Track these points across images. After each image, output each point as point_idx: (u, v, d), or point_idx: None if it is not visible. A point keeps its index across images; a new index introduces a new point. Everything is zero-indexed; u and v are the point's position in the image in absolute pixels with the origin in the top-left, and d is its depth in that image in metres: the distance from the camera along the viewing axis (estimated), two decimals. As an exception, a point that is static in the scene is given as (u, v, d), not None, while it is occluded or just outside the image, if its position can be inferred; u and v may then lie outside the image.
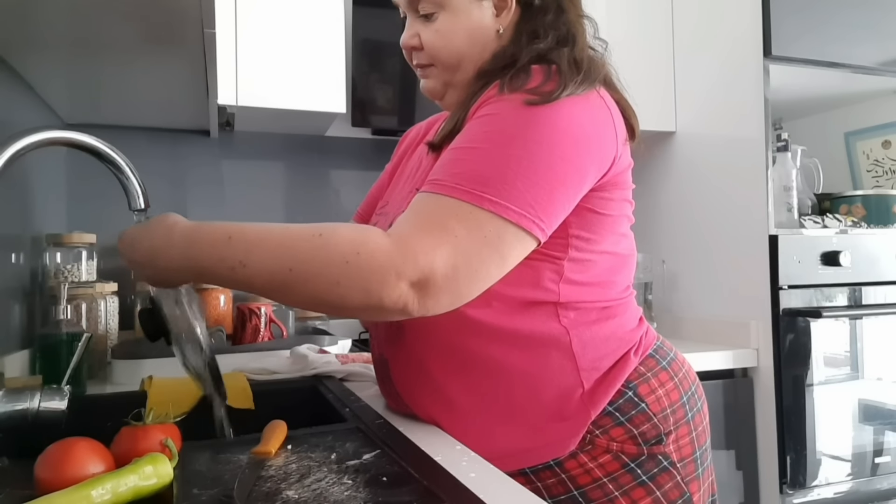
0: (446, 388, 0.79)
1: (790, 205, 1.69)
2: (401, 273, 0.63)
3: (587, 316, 0.78)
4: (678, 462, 0.78)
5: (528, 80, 0.72)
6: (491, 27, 0.82)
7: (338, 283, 0.63)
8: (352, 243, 0.63)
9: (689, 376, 0.85)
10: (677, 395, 0.81)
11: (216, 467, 0.64)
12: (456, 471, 0.60)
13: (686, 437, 0.80)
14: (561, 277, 0.76)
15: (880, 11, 1.73)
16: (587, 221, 0.76)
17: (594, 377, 0.78)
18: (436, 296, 0.64)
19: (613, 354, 0.79)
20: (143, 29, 0.95)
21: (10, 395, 0.71)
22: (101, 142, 0.73)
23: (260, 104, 1.48)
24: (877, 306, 1.65)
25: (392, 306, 0.63)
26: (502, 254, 0.67)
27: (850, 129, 2.07)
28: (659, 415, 0.78)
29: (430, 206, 0.67)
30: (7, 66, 1.11)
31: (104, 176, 0.79)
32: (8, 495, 0.64)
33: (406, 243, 0.64)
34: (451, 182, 0.67)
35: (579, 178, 0.71)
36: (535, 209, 0.67)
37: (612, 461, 0.76)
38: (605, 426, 0.77)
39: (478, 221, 0.65)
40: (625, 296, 0.83)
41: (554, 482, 0.77)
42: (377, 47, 1.76)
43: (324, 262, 0.64)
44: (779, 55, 1.60)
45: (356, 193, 1.93)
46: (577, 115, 0.71)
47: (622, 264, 0.82)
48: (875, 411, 1.64)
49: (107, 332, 1.29)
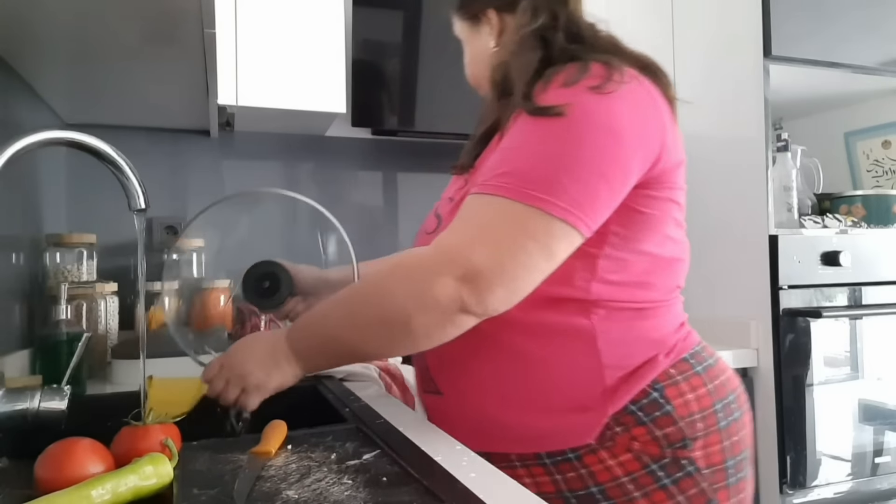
0: (469, 367, 0.81)
1: (790, 205, 1.69)
2: (442, 269, 0.67)
3: (618, 315, 0.78)
4: (704, 469, 0.75)
5: (564, 78, 0.73)
6: (487, 46, 0.91)
7: (392, 294, 0.71)
8: (392, 261, 0.73)
9: (729, 385, 0.82)
10: (709, 402, 0.78)
11: (216, 467, 0.64)
12: (456, 471, 0.60)
13: (716, 445, 0.77)
14: (594, 276, 0.76)
15: (880, 12, 1.73)
16: (627, 218, 0.75)
17: (617, 375, 0.77)
18: (489, 289, 0.66)
19: (642, 355, 0.78)
20: (143, 29, 0.95)
21: (10, 395, 0.71)
22: (101, 142, 0.73)
23: (260, 104, 1.48)
24: (877, 306, 1.65)
25: (448, 301, 0.67)
26: (550, 248, 0.68)
27: (850, 129, 2.07)
28: (686, 419, 0.76)
29: (475, 207, 0.71)
30: (7, 66, 1.11)
31: (104, 176, 0.79)
32: (8, 495, 0.64)
33: (445, 243, 0.70)
34: (498, 182, 0.70)
35: (623, 173, 0.71)
36: (581, 205, 0.68)
37: (632, 461, 0.75)
38: (627, 424, 0.76)
39: (524, 217, 0.67)
40: (665, 298, 0.82)
41: (573, 476, 0.76)
42: (377, 47, 1.76)
43: (372, 284, 0.75)
44: (779, 55, 1.60)
45: (356, 193, 1.93)
46: (620, 108, 0.71)
47: (664, 267, 0.81)
48: (875, 411, 1.64)
49: (107, 332, 1.29)
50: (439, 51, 1.78)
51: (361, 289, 0.77)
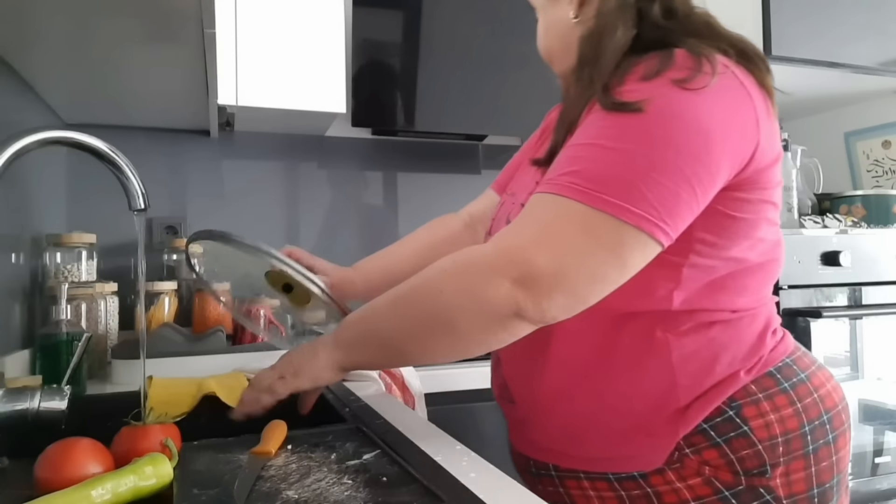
0: (538, 379, 0.77)
1: (790, 205, 1.69)
2: (499, 269, 0.61)
3: (697, 327, 0.71)
4: (785, 498, 0.68)
5: (644, 70, 0.65)
6: (565, 18, 0.79)
7: (441, 291, 0.65)
8: (448, 257, 0.67)
9: (824, 404, 0.72)
10: (795, 424, 0.69)
11: (216, 467, 0.64)
12: (456, 471, 0.60)
13: (800, 472, 0.69)
14: (678, 286, 0.69)
15: (880, 12, 1.73)
16: (716, 224, 0.67)
17: (693, 394, 0.69)
18: (548, 295, 0.61)
19: (721, 372, 0.70)
20: (143, 29, 0.95)
21: (10, 395, 0.71)
22: (101, 142, 0.73)
23: (260, 104, 1.48)
24: (877, 306, 1.65)
25: (502, 306, 0.61)
26: (622, 258, 0.61)
27: (850, 129, 2.07)
28: (765, 442, 0.68)
29: (540, 207, 0.64)
30: (7, 66, 1.11)
31: (104, 176, 0.79)
32: (8, 495, 0.64)
33: (504, 242, 0.64)
34: (567, 181, 0.63)
35: (709, 176, 0.62)
36: (659, 211, 0.60)
37: (702, 485, 0.68)
38: (697, 445, 0.69)
39: (593, 223, 0.61)
40: (751, 306, 0.73)
41: (638, 494, 0.71)
42: (377, 47, 1.76)
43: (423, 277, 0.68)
44: (779, 55, 1.60)
45: (356, 193, 1.93)
46: (707, 103, 0.63)
47: (755, 271, 0.72)
48: (875, 411, 1.64)
49: (107, 332, 1.29)
50: (439, 51, 1.78)
51: (413, 281, 0.70)
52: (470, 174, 2.03)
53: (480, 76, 1.79)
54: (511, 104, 1.82)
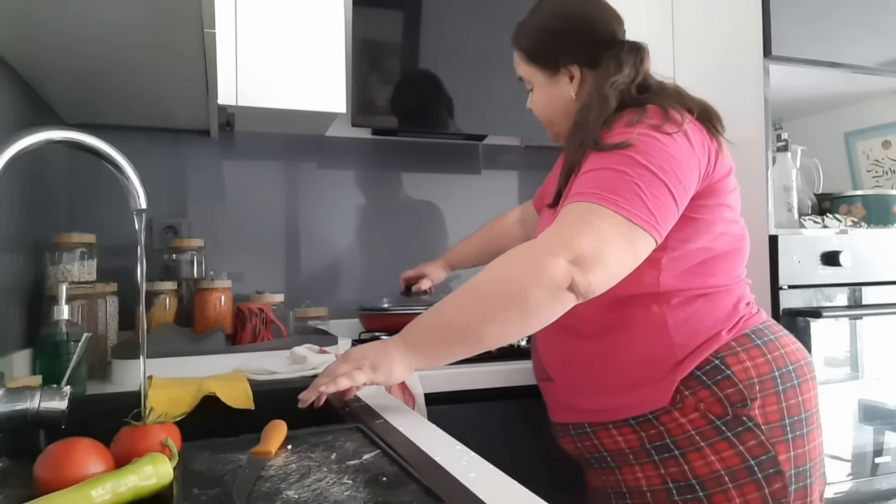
0: (570, 360, 1.03)
1: (790, 205, 1.69)
2: (556, 251, 0.80)
3: (685, 301, 0.94)
4: (763, 424, 0.90)
5: (627, 120, 0.91)
6: (567, 95, 1.07)
7: (510, 276, 0.82)
8: (507, 252, 0.85)
9: (789, 358, 0.96)
10: (767, 369, 0.93)
11: (216, 467, 0.64)
12: (456, 471, 0.60)
13: (773, 406, 0.91)
14: (660, 272, 0.93)
15: (880, 11, 1.73)
16: (684, 224, 0.92)
17: (686, 350, 0.93)
18: (593, 271, 0.80)
19: (707, 332, 0.94)
20: (143, 29, 0.95)
21: (10, 395, 0.71)
22: (101, 142, 0.73)
23: (260, 104, 1.48)
24: (877, 306, 1.65)
25: (560, 279, 0.79)
26: (635, 249, 0.84)
27: (850, 129, 2.07)
28: (744, 382, 0.91)
29: (576, 210, 0.85)
30: (7, 66, 1.11)
31: (104, 176, 0.79)
32: (8, 495, 0.64)
33: (554, 232, 0.84)
34: (590, 191, 0.85)
35: (685, 192, 0.89)
36: (655, 216, 0.84)
37: (699, 418, 0.91)
38: (693, 388, 0.92)
39: (615, 220, 0.82)
40: (727, 283, 0.97)
41: (654, 433, 0.94)
42: (377, 47, 1.76)
43: (488, 271, 0.85)
44: (779, 55, 1.60)
45: (356, 193, 1.93)
46: (677, 141, 0.89)
47: (721, 258, 0.97)
48: (875, 411, 1.64)
49: (107, 332, 1.29)
50: (439, 51, 1.78)
51: (481, 276, 0.85)
52: (470, 174, 2.03)
53: (480, 76, 1.78)
54: (511, 104, 1.82)
